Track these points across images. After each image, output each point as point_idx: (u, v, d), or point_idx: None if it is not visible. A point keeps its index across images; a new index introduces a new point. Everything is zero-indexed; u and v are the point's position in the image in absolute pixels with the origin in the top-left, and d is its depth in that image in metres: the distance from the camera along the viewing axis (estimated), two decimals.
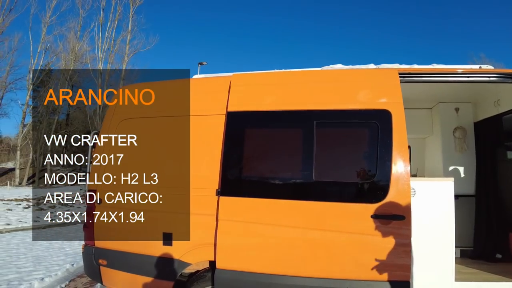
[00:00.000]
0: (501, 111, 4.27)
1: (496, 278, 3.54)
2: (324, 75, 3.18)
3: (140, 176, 3.18)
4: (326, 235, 2.69)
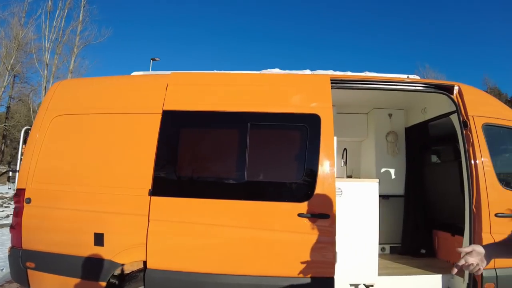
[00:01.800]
0: (427, 118, 4.64)
1: (418, 271, 3.83)
2: (260, 78, 3.27)
3: (72, 174, 3.08)
4: (256, 233, 2.78)
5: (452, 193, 4.17)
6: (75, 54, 23.89)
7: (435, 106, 4.32)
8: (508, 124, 3.56)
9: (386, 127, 5.18)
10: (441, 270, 3.87)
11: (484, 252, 1.41)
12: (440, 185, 4.62)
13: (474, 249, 1.41)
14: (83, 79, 3.52)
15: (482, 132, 3.33)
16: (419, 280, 3.64)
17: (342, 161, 5.16)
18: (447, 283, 3.63)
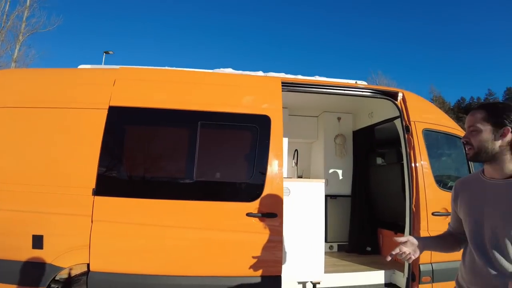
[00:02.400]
0: (373, 122, 4.89)
1: (363, 268, 4.01)
2: (213, 77, 3.24)
3: (9, 172, 2.84)
4: (205, 234, 2.74)
5: (395, 193, 4.41)
6: (20, 41, 21.89)
7: (381, 111, 4.56)
8: (445, 130, 3.84)
9: (335, 130, 5.39)
10: (384, 266, 4.07)
11: (417, 243, 1.55)
12: (384, 186, 4.87)
13: (408, 239, 1.55)
14: (27, 70, 3.28)
15: (422, 137, 3.56)
16: (363, 276, 3.80)
17: (293, 162, 5.26)
18: (389, 278, 3.84)
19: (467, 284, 1.50)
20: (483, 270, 1.41)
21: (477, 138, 1.45)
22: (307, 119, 5.56)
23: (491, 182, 1.47)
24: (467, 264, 1.52)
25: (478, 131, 1.45)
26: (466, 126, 1.52)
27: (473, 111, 1.52)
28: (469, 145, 1.48)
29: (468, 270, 1.50)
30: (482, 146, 1.44)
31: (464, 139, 1.51)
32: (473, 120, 1.48)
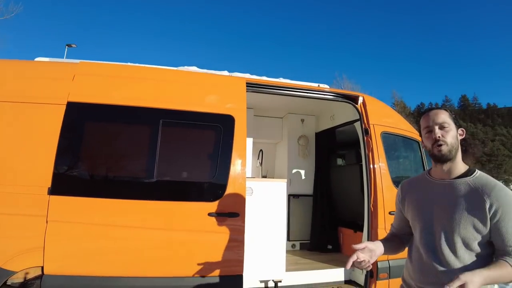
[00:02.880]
0: (335, 125, 5.04)
1: (324, 266, 4.12)
2: (176, 75, 3.19)
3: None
4: (167, 234, 2.69)
5: (354, 193, 4.57)
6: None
7: (342, 114, 4.71)
8: (402, 133, 4.04)
9: (298, 131, 5.51)
10: (344, 264, 4.17)
11: (374, 249, 1.55)
12: (344, 186, 5.03)
13: (366, 245, 1.54)
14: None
15: (380, 139, 3.71)
16: (324, 274, 3.89)
17: (258, 162, 5.30)
18: (349, 275, 3.97)
19: (416, 283, 1.55)
20: (431, 268, 1.47)
21: (450, 134, 1.50)
22: (272, 120, 5.64)
23: (439, 183, 1.55)
24: (414, 263, 1.57)
25: (451, 128, 1.51)
26: (433, 123, 1.53)
27: (436, 110, 1.56)
28: (442, 141, 1.49)
29: (416, 269, 1.56)
30: (454, 142, 1.51)
31: (437, 135, 1.51)
32: (444, 117, 1.52)
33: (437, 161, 1.53)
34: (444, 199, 1.49)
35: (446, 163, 1.52)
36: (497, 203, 1.37)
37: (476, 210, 1.39)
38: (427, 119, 1.56)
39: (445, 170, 1.53)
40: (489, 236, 1.39)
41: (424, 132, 1.57)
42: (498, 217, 1.36)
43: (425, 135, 1.56)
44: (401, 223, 1.76)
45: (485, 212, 1.38)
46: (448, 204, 1.47)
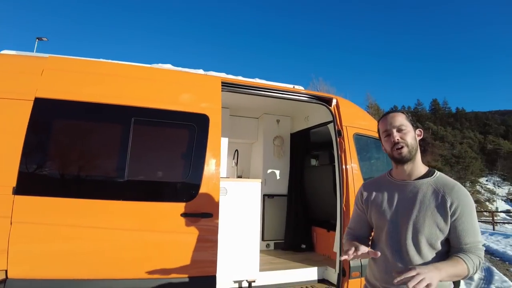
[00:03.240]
0: (309, 126, 5.11)
1: (297, 265, 4.15)
2: (150, 72, 3.10)
3: None
4: (139, 235, 2.62)
5: (327, 193, 4.64)
6: None
7: (316, 115, 4.78)
8: (374, 135, 4.13)
9: (274, 132, 5.54)
10: (317, 263, 4.27)
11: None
12: (317, 186, 5.10)
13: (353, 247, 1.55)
14: None
15: (353, 141, 3.79)
16: (297, 273, 3.93)
17: (233, 162, 5.30)
18: (322, 274, 4.03)
19: (381, 283, 1.58)
20: (397, 268, 1.49)
21: (409, 135, 1.55)
22: (248, 120, 5.65)
23: (401, 184, 1.59)
24: (379, 263, 1.60)
25: (409, 129, 1.56)
26: (391, 127, 1.56)
27: (393, 113, 1.60)
28: (401, 144, 1.53)
29: (382, 270, 1.58)
30: (413, 143, 1.55)
31: (396, 138, 1.54)
32: (401, 120, 1.56)
33: (398, 162, 1.57)
34: (408, 200, 1.54)
35: (407, 163, 1.56)
36: (456, 201, 1.44)
37: (438, 209, 1.45)
38: (384, 123, 1.60)
39: (406, 171, 1.58)
40: (448, 234, 1.46)
41: (383, 136, 1.61)
42: (456, 215, 1.43)
43: (384, 138, 1.60)
44: (361, 224, 1.78)
45: (446, 211, 1.44)
46: (411, 204, 1.52)
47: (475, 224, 1.45)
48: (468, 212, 1.44)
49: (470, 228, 1.43)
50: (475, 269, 1.39)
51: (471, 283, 6.02)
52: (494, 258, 8.97)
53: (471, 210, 1.45)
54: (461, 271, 1.35)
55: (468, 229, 1.43)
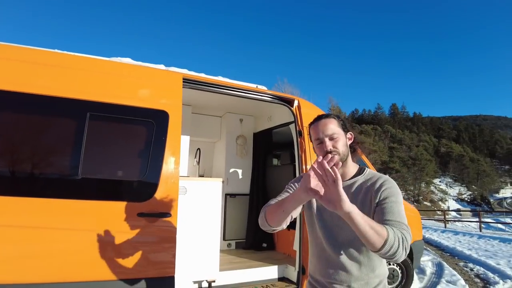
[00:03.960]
0: (271, 126, 5.15)
1: (258, 264, 4.17)
2: (108, 66, 2.94)
3: None
4: (93, 236, 2.48)
5: None
6: None
7: (279, 115, 4.83)
8: None
9: (237, 131, 5.54)
10: (278, 261, 4.32)
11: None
12: (279, 185, 5.14)
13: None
14: None
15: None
16: (258, 272, 3.94)
17: (195, 161, 5.24)
18: (282, 273, 4.08)
19: (325, 279, 1.61)
20: (337, 263, 1.55)
21: (341, 143, 1.56)
22: (211, 119, 5.60)
23: None
24: (320, 259, 1.64)
25: (340, 137, 1.57)
26: (323, 135, 1.55)
27: (325, 120, 1.59)
28: (334, 153, 1.52)
29: (323, 265, 1.63)
30: (345, 150, 1.58)
31: (328, 148, 1.53)
32: (332, 128, 1.56)
33: None
34: None
35: (342, 166, 1.59)
36: (383, 189, 1.49)
37: (369, 202, 1.51)
38: (316, 131, 1.59)
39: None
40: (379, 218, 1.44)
41: (316, 143, 1.60)
42: (381, 198, 1.47)
43: (317, 146, 1.59)
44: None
45: (374, 199, 1.49)
46: None
47: (400, 209, 1.46)
48: (393, 198, 1.47)
49: (394, 210, 1.44)
50: (398, 242, 1.29)
51: (424, 278, 6.35)
52: (445, 254, 9.54)
53: (396, 197, 1.48)
54: (380, 230, 1.27)
55: (393, 210, 1.43)
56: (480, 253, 9.51)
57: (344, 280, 1.54)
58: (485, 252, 9.68)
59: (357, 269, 1.54)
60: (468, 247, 10.71)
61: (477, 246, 11.14)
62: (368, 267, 1.54)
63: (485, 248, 10.66)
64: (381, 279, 1.57)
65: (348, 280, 1.53)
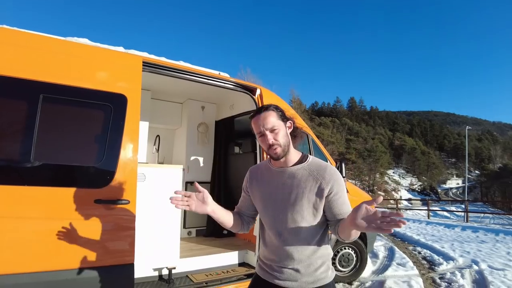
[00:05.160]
0: (233, 114, 5.15)
1: (219, 250, 4.21)
2: (63, 46, 2.75)
3: None
4: (47, 224, 2.35)
5: None
6: None
7: (241, 104, 4.84)
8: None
9: (198, 118, 5.47)
10: (238, 247, 4.38)
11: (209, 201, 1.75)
12: (240, 173, 5.18)
13: (204, 192, 1.75)
14: None
15: None
16: (218, 258, 3.99)
17: (154, 148, 5.12)
18: (243, 258, 4.16)
19: (272, 262, 1.69)
20: (283, 249, 1.63)
21: (281, 135, 1.62)
22: (171, 105, 5.47)
23: (279, 171, 1.70)
24: (268, 245, 1.72)
25: (280, 128, 1.63)
26: (264, 129, 1.60)
27: (264, 113, 1.63)
28: (275, 145, 1.60)
29: (270, 251, 1.70)
30: (286, 141, 1.64)
31: (270, 141, 1.59)
32: (272, 121, 1.61)
33: (275, 159, 1.66)
34: (286, 185, 1.65)
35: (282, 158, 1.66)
36: (331, 181, 1.59)
37: (314, 190, 1.59)
38: (257, 125, 1.63)
39: (282, 161, 1.68)
40: (324, 210, 1.61)
41: (258, 136, 1.66)
42: (333, 192, 1.58)
43: (259, 138, 1.65)
44: (247, 205, 1.87)
45: (322, 190, 1.58)
46: (289, 189, 1.63)
47: (346, 198, 1.64)
48: (341, 188, 1.61)
49: (345, 201, 1.61)
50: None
51: (377, 261, 6.73)
52: (396, 239, 10.17)
53: (343, 186, 1.63)
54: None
55: (344, 202, 1.61)
56: (427, 238, 10.26)
57: (288, 263, 1.62)
58: (431, 237, 10.47)
59: (300, 252, 1.61)
60: (417, 233, 11.52)
61: (425, 232, 12.02)
62: (310, 250, 1.62)
63: (432, 234, 11.55)
64: (323, 260, 1.66)
65: (291, 262, 1.61)
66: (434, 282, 5.44)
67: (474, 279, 5.55)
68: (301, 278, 1.60)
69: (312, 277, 1.61)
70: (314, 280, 1.61)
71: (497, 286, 5.00)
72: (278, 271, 1.64)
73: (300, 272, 1.60)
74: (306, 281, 1.60)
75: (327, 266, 1.67)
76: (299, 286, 1.60)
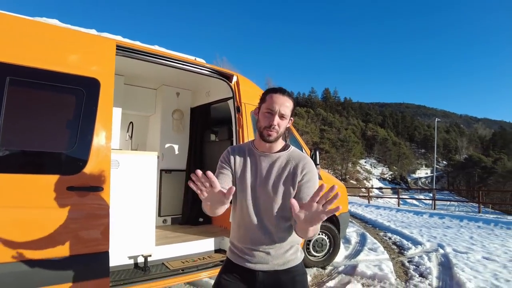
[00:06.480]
0: (210, 101, 5.10)
1: (195, 238, 4.21)
2: (32, 27, 2.60)
3: None
4: (17, 212, 2.27)
5: None
6: None
7: (217, 91, 4.79)
8: None
9: (173, 105, 5.37)
10: (214, 234, 4.40)
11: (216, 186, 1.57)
12: (216, 161, 5.15)
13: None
14: None
15: (250, 118, 3.93)
16: (194, 245, 4.00)
17: (127, 135, 5.01)
18: (219, 244, 4.20)
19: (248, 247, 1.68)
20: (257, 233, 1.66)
21: (284, 124, 1.66)
22: (145, 91, 5.33)
23: (263, 154, 1.73)
24: (242, 229, 1.71)
25: (287, 119, 1.68)
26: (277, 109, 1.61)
27: (286, 98, 1.64)
28: (275, 129, 1.63)
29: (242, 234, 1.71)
30: (282, 132, 1.69)
31: (274, 122, 1.61)
32: (287, 110, 1.64)
33: (264, 140, 1.68)
34: (267, 169, 1.70)
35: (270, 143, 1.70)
36: (306, 169, 1.66)
37: (290, 176, 1.66)
38: (273, 102, 1.62)
39: (267, 146, 1.72)
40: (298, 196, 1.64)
41: (265, 110, 1.65)
42: (305, 179, 1.65)
43: (265, 113, 1.65)
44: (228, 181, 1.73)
45: (295, 176, 1.65)
46: (269, 173, 1.68)
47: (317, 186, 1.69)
48: (314, 178, 1.68)
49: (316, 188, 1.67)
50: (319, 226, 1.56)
51: (349, 246, 6.95)
52: (367, 226, 10.55)
53: (316, 177, 1.70)
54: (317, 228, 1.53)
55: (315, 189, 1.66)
56: (397, 224, 10.70)
57: (260, 246, 1.66)
58: (401, 223, 10.94)
59: (274, 236, 1.66)
60: (387, 219, 11.98)
61: (395, 219, 12.53)
62: (282, 234, 1.67)
63: (402, 220, 12.06)
64: (292, 244, 1.71)
65: (263, 246, 1.65)
66: (403, 265, 5.70)
67: (440, 262, 5.86)
68: (272, 260, 1.65)
69: (282, 259, 1.67)
70: (284, 262, 1.67)
71: (461, 267, 5.31)
72: (249, 254, 1.68)
73: (270, 255, 1.65)
74: (277, 263, 1.66)
75: (296, 248, 1.73)
76: (270, 268, 1.65)
